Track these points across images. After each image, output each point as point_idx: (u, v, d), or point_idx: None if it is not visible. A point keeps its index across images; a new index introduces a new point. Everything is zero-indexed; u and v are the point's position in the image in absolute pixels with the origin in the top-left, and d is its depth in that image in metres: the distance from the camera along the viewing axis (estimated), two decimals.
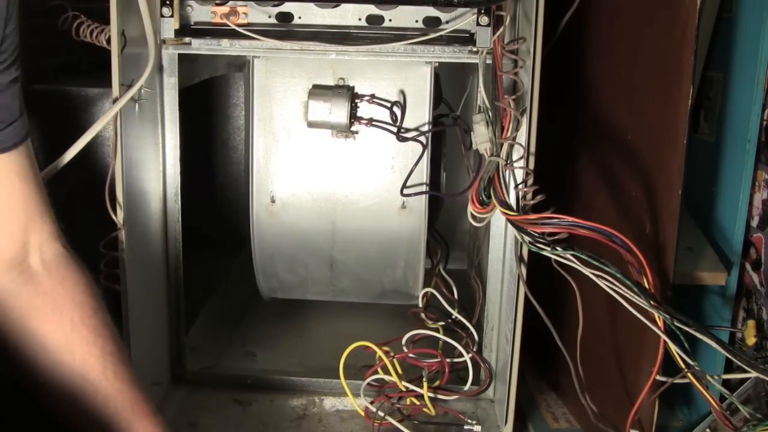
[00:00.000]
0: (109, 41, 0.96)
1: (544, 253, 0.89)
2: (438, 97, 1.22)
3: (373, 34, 1.06)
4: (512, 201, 0.98)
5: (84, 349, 0.77)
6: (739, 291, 1.11)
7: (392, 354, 1.11)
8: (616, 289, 0.84)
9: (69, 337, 0.76)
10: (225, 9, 1.05)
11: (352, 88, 1.14)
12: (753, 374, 0.82)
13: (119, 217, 0.98)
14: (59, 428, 0.78)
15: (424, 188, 1.16)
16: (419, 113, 1.14)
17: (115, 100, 0.96)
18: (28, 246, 0.76)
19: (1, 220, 0.73)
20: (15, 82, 0.70)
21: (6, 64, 0.68)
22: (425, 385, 1.09)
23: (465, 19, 1.04)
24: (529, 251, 0.95)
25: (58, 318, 0.76)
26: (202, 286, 1.38)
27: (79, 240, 0.94)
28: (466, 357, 1.13)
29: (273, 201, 1.19)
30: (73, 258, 0.80)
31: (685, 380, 0.85)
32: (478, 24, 1.03)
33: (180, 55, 1.08)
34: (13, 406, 0.80)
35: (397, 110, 1.14)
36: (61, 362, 0.76)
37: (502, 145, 0.99)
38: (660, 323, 0.83)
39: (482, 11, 1.02)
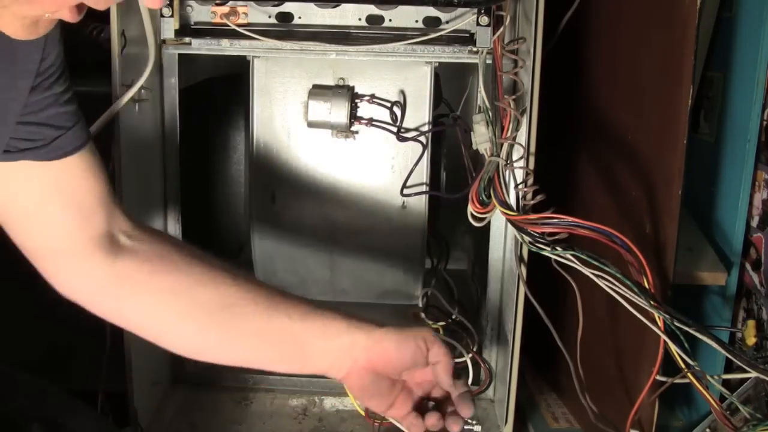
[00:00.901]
0: (109, 41, 0.96)
1: (544, 253, 0.89)
2: (438, 97, 1.22)
3: (373, 34, 1.07)
4: (512, 201, 0.98)
5: (209, 277, 0.78)
6: (739, 291, 1.11)
7: None
8: (616, 289, 0.84)
9: (191, 275, 0.78)
10: (225, 9, 1.05)
11: (352, 88, 1.14)
12: (753, 374, 0.82)
13: None
14: (57, 424, 0.78)
15: (424, 188, 1.16)
16: (419, 113, 1.14)
17: (115, 100, 0.96)
18: (113, 231, 0.79)
19: (83, 216, 0.77)
20: (67, 91, 0.73)
21: (55, 77, 0.71)
22: None
23: (465, 19, 1.04)
24: (529, 251, 0.95)
25: (172, 267, 0.78)
26: None
27: None
28: (466, 357, 1.13)
29: (273, 201, 1.19)
30: (142, 222, 0.83)
31: (685, 380, 0.85)
32: (478, 24, 1.03)
33: (180, 55, 1.08)
34: (11, 400, 0.80)
35: (397, 110, 1.14)
36: (199, 298, 0.78)
37: (502, 145, 0.99)
38: (660, 323, 0.83)
39: (482, 11, 1.02)
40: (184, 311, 0.78)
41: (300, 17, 1.07)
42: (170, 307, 0.78)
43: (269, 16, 1.06)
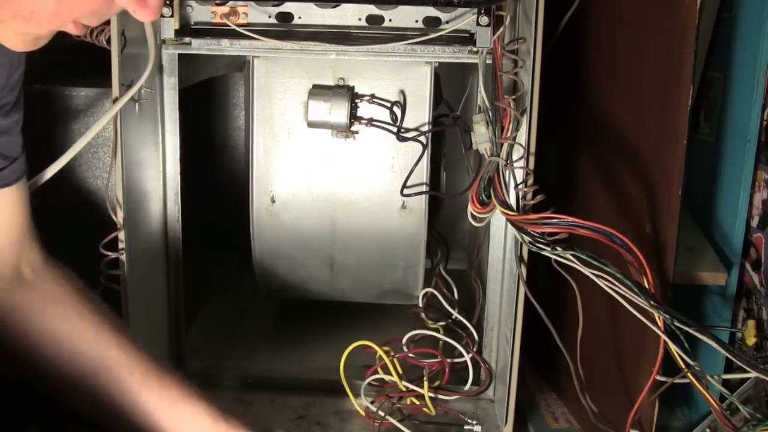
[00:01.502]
0: (109, 41, 0.96)
1: (544, 253, 0.89)
2: (438, 97, 1.22)
3: (373, 34, 1.06)
4: (512, 201, 0.98)
5: (95, 333, 0.80)
6: (739, 291, 1.11)
7: (392, 354, 1.11)
8: (616, 289, 0.84)
9: (78, 326, 0.80)
10: (225, 9, 1.05)
11: (352, 88, 1.14)
12: (753, 374, 0.82)
13: (119, 217, 0.98)
14: (56, 425, 0.78)
15: (424, 188, 1.16)
16: (419, 113, 1.14)
17: (115, 100, 0.96)
18: (19, 263, 0.80)
19: (4, 245, 0.78)
20: (18, 122, 0.73)
21: (10, 106, 0.71)
22: (426, 385, 1.09)
23: (465, 19, 1.04)
24: (529, 251, 0.95)
25: (62, 312, 0.80)
26: (202, 286, 1.37)
27: (79, 240, 0.94)
28: (466, 357, 1.13)
29: (273, 201, 1.19)
30: (56, 261, 0.84)
31: (685, 380, 0.85)
32: (478, 24, 1.03)
33: (180, 55, 1.08)
34: (9, 403, 0.80)
35: (397, 110, 1.14)
36: (78, 351, 0.79)
37: (502, 145, 0.99)
38: (660, 323, 0.83)
39: (482, 11, 1.02)
40: (62, 359, 0.78)
41: (300, 17, 1.07)
42: (49, 351, 0.79)
43: (269, 16, 1.06)
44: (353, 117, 1.13)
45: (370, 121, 1.14)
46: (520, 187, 0.97)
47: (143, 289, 1.06)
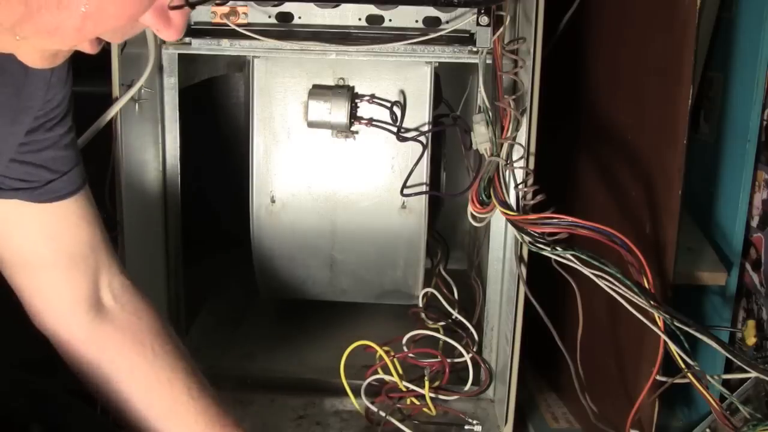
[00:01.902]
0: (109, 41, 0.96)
1: (544, 253, 0.89)
2: (438, 97, 1.22)
3: (373, 34, 1.06)
4: (512, 201, 0.98)
5: (169, 374, 0.80)
6: (739, 291, 1.11)
7: (393, 354, 1.11)
8: (616, 289, 0.84)
9: (153, 364, 0.80)
10: (225, 9, 1.05)
11: (352, 88, 1.14)
12: (753, 374, 0.82)
13: (119, 217, 0.98)
14: (57, 424, 0.78)
15: (424, 188, 1.16)
16: (419, 113, 1.14)
17: (115, 100, 0.96)
18: (99, 284, 0.80)
19: (73, 263, 0.77)
20: (67, 134, 0.73)
21: (58, 119, 0.71)
22: (426, 384, 1.09)
23: (465, 19, 1.04)
24: (529, 251, 0.94)
25: (140, 349, 0.80)
26: (202, 286, 1.37)
27: None
28: (466, 357, 1.13)
29: (273, 201, 1.19)
30: (137, 288, 0.84)
31: (685, 380, 0.85)
32: (478, 24, 1.03)
33: (180, 55, 1.08)
34: (11, 400, 0.80)
35: (397, 110, 1.14)
36: (150, 389, 0.80)
37: (502, 145, 0.99)
38: (660, 323, 0.83)
39: (482, 11, 1.02)
40: (132, 396, 0.79)
41: (300, 17, 1.07)
42: (121, 386, 0.79)
43: (269, 16, 1.06)
44: (353, 117, 1.13)
45: (370, 121, 1.14)
46: (520, 187, 0.97)
47: (143, 289, 1.05)
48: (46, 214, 0.74)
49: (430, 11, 1.05)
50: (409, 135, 1.14)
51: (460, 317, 1.20)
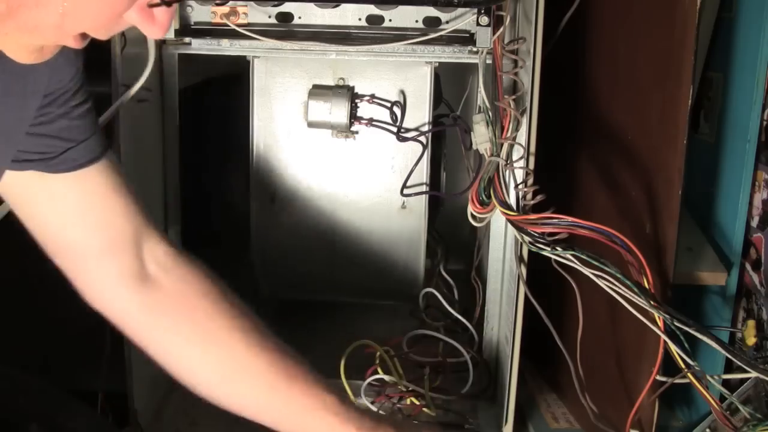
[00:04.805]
0: (109, 41, 0.96)
1: (544, 253, 0.89)
2: (438, 97, 1.22)
3: (373, 34, 1.07)
4: (512, 201, 0.98)
5: (225, 335, 0.79)
6: (739, 291, 1.10)
7: (392, 354, 1.11)
8: (616, 289, 0.84)
9: (207, 328, 0.79)
10: (225, 9, 1.05)
11: (352, 88, 1.14)
12: (753, 374, 0.82)
13: None
14: (57, 425, 0.78)
15: (424, 188, 1.16)
16: (419, 113, 1.14)
17: (115, 100, 0.96)
18: (141, 256, 0.79)
19: (110, 238, 0.77)
20: (80, 105, 0.73)
21: (70, 94, 0.71)
22: (426, 384, 1.09)
23: (465, 19, 1.04)
24: (529, 251, 0.94)
25: (192, 314, 0.79)
26: None
27: None
28: (466, 357, 1.13)
29: (273, 201, 1.19)
30: (182, 253, 0.82)
31: (685, 380, 0.85)
32: (478, 24, 1.03)
33: (180, 55, 1.08)
34: (11, 400, 0.80)
35: (397, 110, 1.14)
36: (207, 353, 0.79)
37: (502, 145, 0.99)
38: (660, 323, 0.83)
39: (482, 11, 1.02)
40: (194, 363, 0.79)
41: (300, 17, 1.07)
42: (182, 354, 0.80)
43: (269, 16, 1.06)
44: (353, 117, 1.13)
45: (370, 121, 1.14)
46: (520, 187, 0.97)
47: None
48: (72, 190, 0.73)
49: (430, 11, 1.05)
50: (409, 135, 1.14)
51: (460, 317, 1.20)
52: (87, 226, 0.75)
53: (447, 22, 1.05)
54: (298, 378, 0.79)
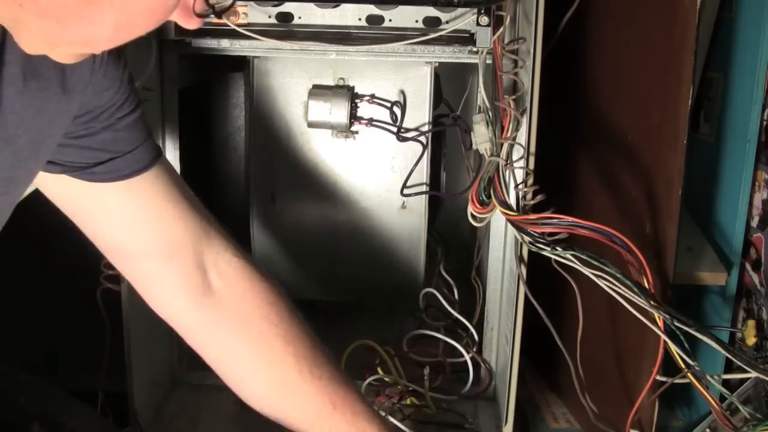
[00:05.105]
0: None
1: (544, 253, 0.89)
2: (438, 97, 1.22)
3: (373, 34, 1.06)
4: (512, 201, 0.98)
5: (277, 357, 0.80)
6: (739, 291, 1.10)
7: (392, 354, 1.11)
8: (616, 289, 0.84)
9: (261, 347, 0.80)
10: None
11: (352, 88, 1.14)
12: (753, 374, 0.82)
13: None
14: (57, 424, 0.78)
15: (424, 188, 1.16)
16: (419, 113, 1.14)
17: None
18: (204, 266, 0.79)
19: (167, 248, 0.76)
20: (129, 115, 0.72)
21: (116, 107, 0.71)
22: (426, 384, 1.09)
23: (465, 19, 1.04)
24: (529, 251, 0.95)
25: (247, 332, 0.79)
26: None
27: (79, 241, 0.94)
28: (466, 357, 1.13)
29: (273, 201, 1.19)
30: (249, 263, 0.82)
31: (685, 380, 0.85)
32: (478, 24, 1.03)
33: (180, 55, 1.08)
34: (11, 400, 0.80)
35: (397, 110, 1.14)
36: (258, 371, 0.80)
37: (502, 145, 0.99)
38: (660, 323, 0.83)
39: (482, 11, 1.02)
40: (244, 380, 0.81)
41: (300, 17, 1.07)
42: (234, 369, 0.81)
43: (269, 16, 1.06)
44: (353, 117, 1.13)
45: (370, 121, 1.14)
46: (520, 187, 0.97)
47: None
48: (122, 198, 0.73)
49: (430, 11, 1.05)
50: (409, 135, 1.14)
51: (460, 317, 1.20)
52: (140, 235, 0.75)
53: (447, 22, 1.05)
54: (346, 408, 0.80)
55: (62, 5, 0.49)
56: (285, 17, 1.07)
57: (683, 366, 0.84)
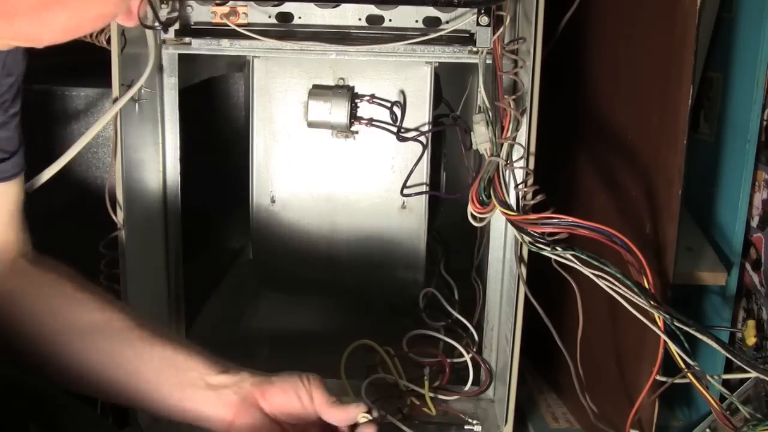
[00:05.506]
0: (109, 41, 0.96)
1: (544, 253, 0.89)
2: (438, 97, 1.22)
3: (373, 34, 1.06)
4: (512, 201, 0.98)
5: (95, 302, 0.82)
6: (739, 291, 1.11)
7: (392, 354, 1.11)
8: (616, 289, 0.84)
9: (75, 297, 0.81)
10: (225, 9, 1.05)
11: (352, 88, 1.14)
12: (753, 374, 0.82)
13: (119, 217, 0.98)
14: (57, 425, 0.78)
15: (424, 188, 1.16)
16: (419, 113, 1.14)
17: (115, 100, 0.96)
18: (16, 256, 0.83)
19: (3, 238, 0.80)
20: (16, 116, 0.75)
21: (8, 103, 0.73)
22: (426, 384, 1.09)
23: (465, 19, 1.04)
24: (529, 251, 0.94)
25: (60, 288, 0.82)
26: (202, 286, 1.37)
27: (79, 240, 0.94)
28: (466, 357, 1.13)
29: (273, 201, 1.19)
30: (50, 257, 0.86)
31: (685, 380, 0.85)
32: (478, 24, 1.03)
33: (180, 55, 1.08)
34: (10, 400, 0.80)
35: (397, 110, 1.14)
36: (74, 320, 0.80)
37: (502, 145, 0.99)
38: (660, 323, 0.83)
39: (482, 11, 1.02)
40: (62, 332, 0.80)
41: (300, 17, 1.07)
42: (49, 327, 0.80)
43: (269, 16, 1.06)
44: (353, 117, 1.13)
45: (370, 121, 1.14)
46: (520, 187, 0.97)
47: (143, 289, 1.06)
48: None
49: (430, 11, 1.05)
50: (409, 135, 1.14)
51: (460, 317, 1.20)
52: None
53: (447, 22, 1.05)
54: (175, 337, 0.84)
55: (15, 5, 0.50)
56: (285, 17, 1.07)
57: (683, 366, 0.84)
